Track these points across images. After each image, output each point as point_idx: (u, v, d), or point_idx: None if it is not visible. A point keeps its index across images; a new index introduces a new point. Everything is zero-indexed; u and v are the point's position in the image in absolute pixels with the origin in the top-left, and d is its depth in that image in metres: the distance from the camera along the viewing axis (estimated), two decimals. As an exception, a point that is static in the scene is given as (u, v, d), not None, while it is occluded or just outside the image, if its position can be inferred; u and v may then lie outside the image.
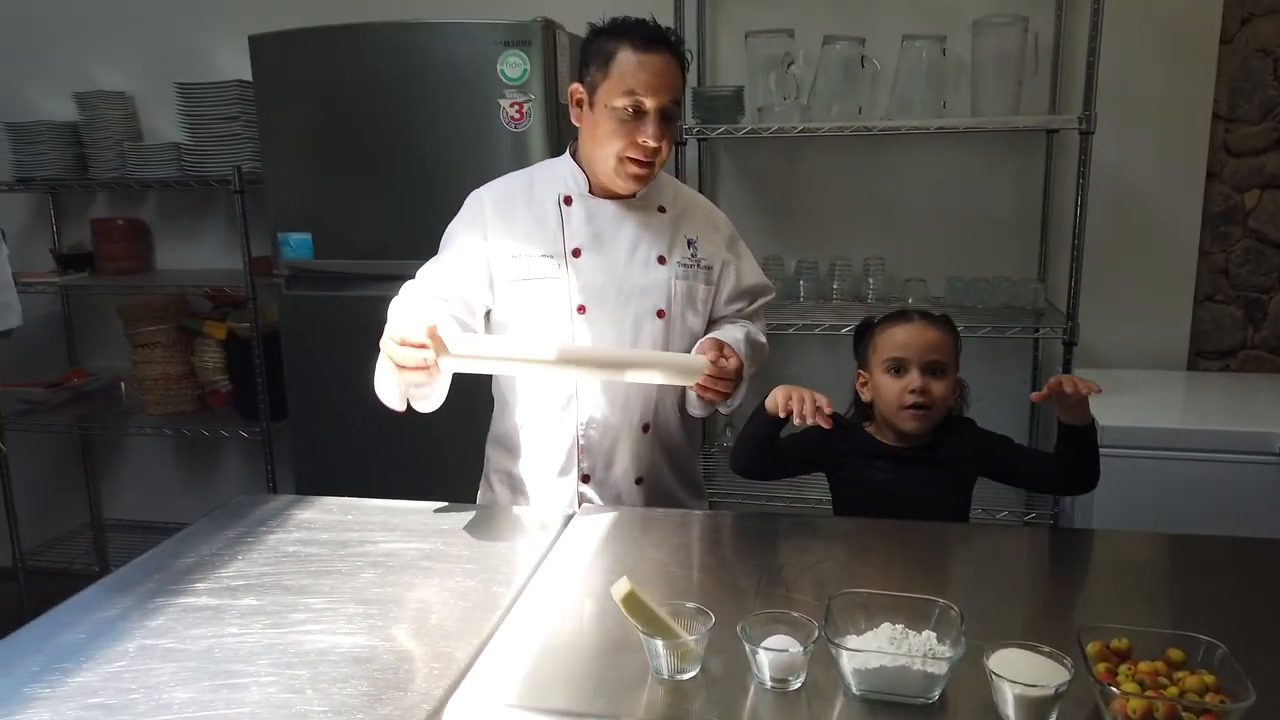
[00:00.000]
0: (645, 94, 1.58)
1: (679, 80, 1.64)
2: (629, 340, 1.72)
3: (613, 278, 1.71)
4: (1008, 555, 1.53)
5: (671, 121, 1.65)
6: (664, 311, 1.74)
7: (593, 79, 1.62)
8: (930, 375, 1.64)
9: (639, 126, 1.60)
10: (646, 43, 1.58)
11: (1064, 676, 0.99)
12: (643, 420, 1.78)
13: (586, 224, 1.71)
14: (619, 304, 1.71)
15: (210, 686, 1.12)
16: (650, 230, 1.73)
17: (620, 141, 1.61)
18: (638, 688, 1.11)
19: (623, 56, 1.58)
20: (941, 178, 2.72)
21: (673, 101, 1.63)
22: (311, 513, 1.65)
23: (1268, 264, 2.63)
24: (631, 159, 1.63)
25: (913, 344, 1.65)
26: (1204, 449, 2.15)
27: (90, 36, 3.17)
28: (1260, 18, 2.52)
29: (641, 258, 1.72)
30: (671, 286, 1.73)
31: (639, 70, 1.57)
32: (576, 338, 1.70)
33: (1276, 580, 1.41)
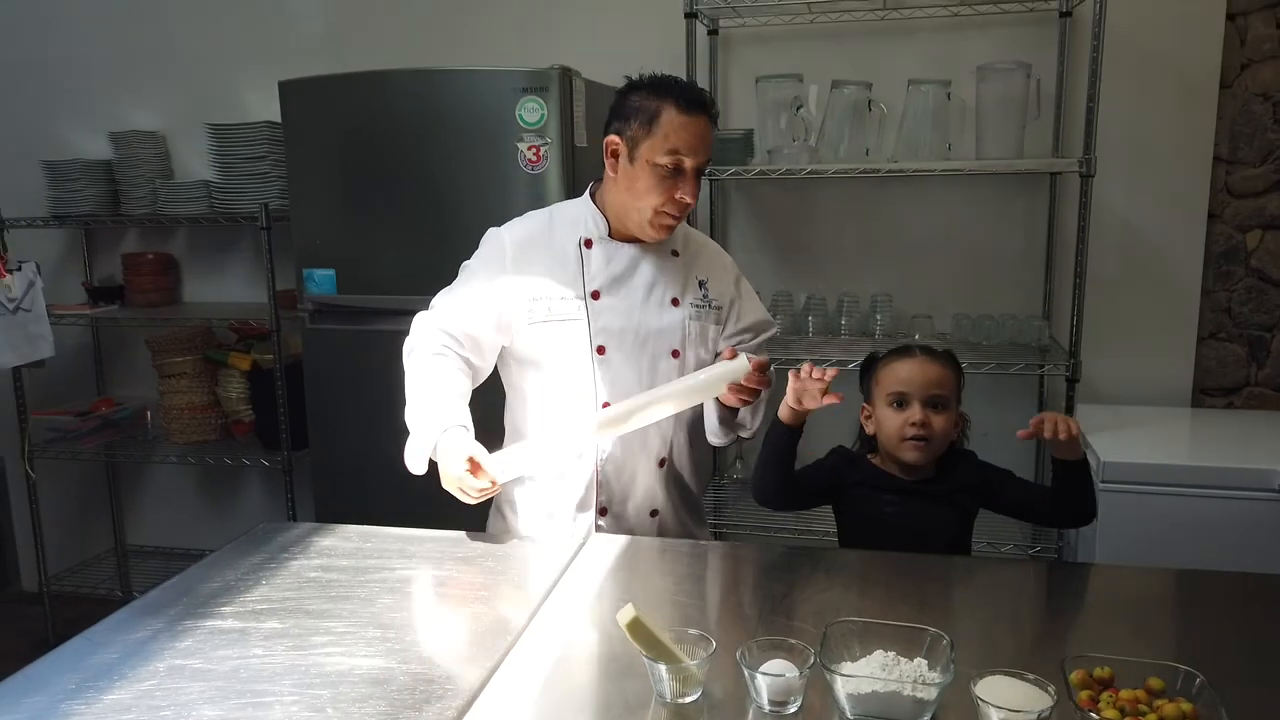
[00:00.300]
0: (688, 154, 1.66)
1: (711, 140, 1.72)
2: (646, 379, 1.78)
3: (630, 319, 1.77)
4: (1003, 587, 1.57)
5: (700, 178, 1.73)
6: (679, 351, 1.80)
7: (634, 134, 1.68)
8: (931, 409, 1.70)
9: (678, 183, 1.68)
10: (690, 105, 1.66)
11: (1047, 703, 1.04)
12: (659, 456, 1.84)
13: (605, 267, 1.77)
14: (636, 345, 1.78)
15: (237, 705, 1.18)
16: (665, 273, 1.80)
17: (660, 196, 1.68)
18: (642, 711, 1.16)
19: (667, 116, 1.65)
20: (947, 217, 2.79)
21: (707, 160, 1.72)
22: (331, 540, 1.72)
23: (1270, 303, 2.67)
24: (668, 212, 1.71)
25: (915, 379, 1.71)
26: (1206, 485, 2.18)
27: (125, 78, 3.30)
28: (1259, 63, 2.58)
29: (657, 300, 1.79)
30: (686, 327, 1.80)
31: (683, 130, 1.65)
32: (597, 377, 1.76)
33: (1264, 613, 1.45)
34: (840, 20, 2.74)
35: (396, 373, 2.05)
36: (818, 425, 1.77)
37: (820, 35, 2.78)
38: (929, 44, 2.72)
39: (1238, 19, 2.57)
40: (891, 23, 2.72)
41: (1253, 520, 2.15)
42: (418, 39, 3.00)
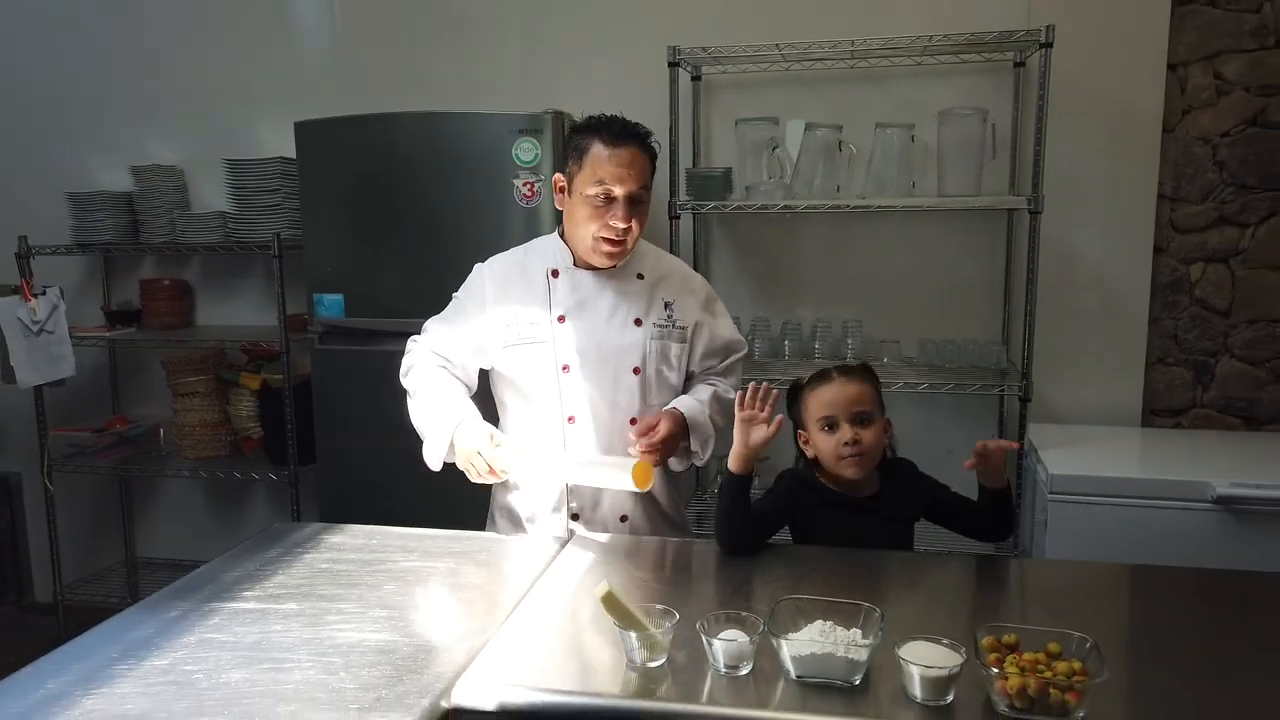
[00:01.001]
0: (613, 183, 1.83)
1: (647, 169, 1.89)
2: (609, 395, 1.95)
3: (593, 339, 1.95)
4: (937, 576, 1.75)
5: (640, 204, 1.89)
6: (639, 369, 1.98)
7: (570, 170, 1.88)
8: (859, 425, 1.83)
9: (609, 211, 1.84)
10: (615, 137, 1.84)
11: (958, 660, 1.22)
12: None
13: (571, 293, 1.97)
14: (599, 362, 1.96)
15: (260, 669, 1.35)
16: (628, 296, 1.98)
17: (594, 224, 1.86)
18: (615, 674, 1.34)
19: (595, 150, 1.84)
20: (913, 250, 2.99)
21: (641, 188, 1.87)
22: (340, 538, 1.90)
23: (1213, 330, 2.87)
24: (605, 238, 1.87)
25: (839, 401, 1.84)
26: (1146, 496, 2.35)
27: (147, 116, 3.51)
28: (1199, 109, 2.80)
29: (619, 321, 1.97)
30: (647, 346, 1.98)
31: (608, 162, 1.83)
32: (563, 393, 1.94)
33: (1164, 596, 1.63)
34: (813, 68, 2.96)
35: (399, 390, 2.24)
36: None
37: (795, 82, 3.00)
38: (896, 90, 2.94)
39: (1178, 69, 2.78)
40: (861, 70, 2.94)
41: (1189, 528, 2.33)
42: (422, 81, 3.21)
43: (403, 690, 1.29)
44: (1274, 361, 2.85)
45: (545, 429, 1.96)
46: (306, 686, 1.30)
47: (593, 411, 1.96)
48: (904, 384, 2.66)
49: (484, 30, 3.18)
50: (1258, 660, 1.40)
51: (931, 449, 3.02)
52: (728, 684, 1.31)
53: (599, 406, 1.96)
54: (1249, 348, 2.86)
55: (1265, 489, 2.27)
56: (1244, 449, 2.66)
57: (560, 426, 1.95)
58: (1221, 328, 2.87)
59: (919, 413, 3.04)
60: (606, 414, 1.96)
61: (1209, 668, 1.38)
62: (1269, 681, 1.33)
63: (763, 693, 1.29)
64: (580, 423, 1.95)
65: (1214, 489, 2.29)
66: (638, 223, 1.89)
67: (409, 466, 2.67)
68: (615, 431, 1.97)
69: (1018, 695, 1.17)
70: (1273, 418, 2.87)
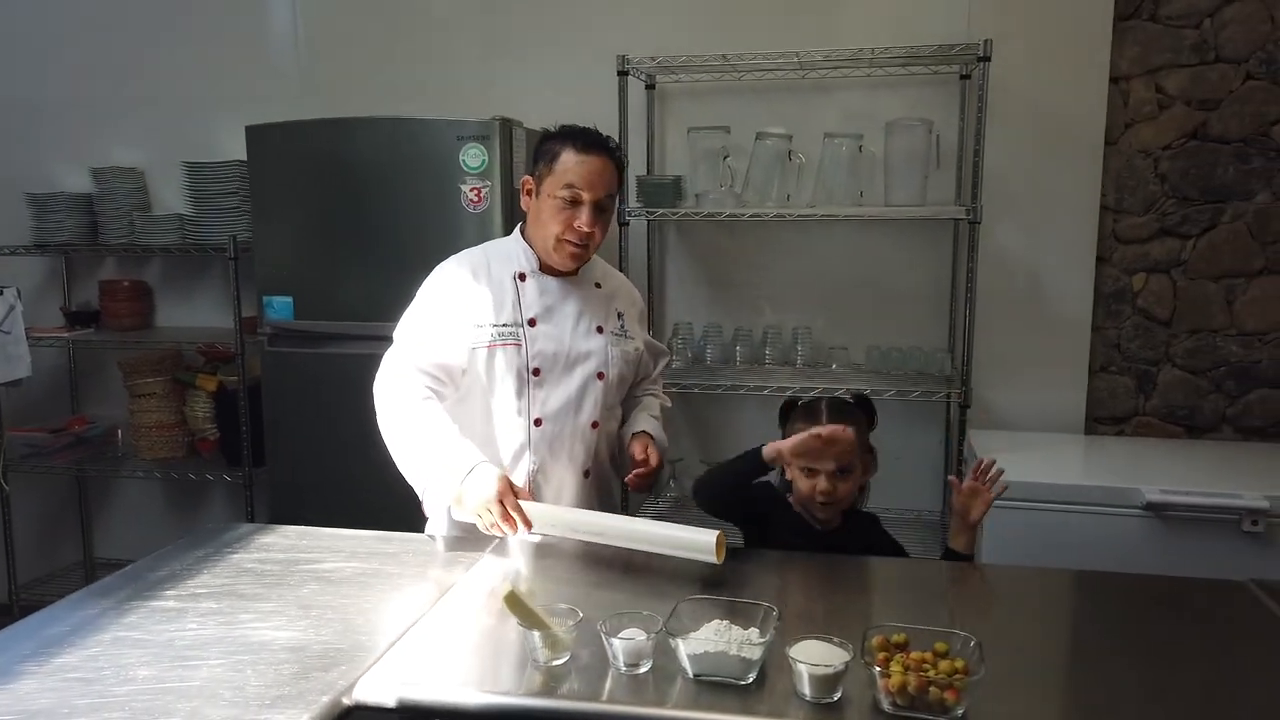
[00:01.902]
0: (583, 188, 1.89)
1: (614, 179, 1.95)
2: (575, 399, 1.99)
3: (562, 345, 1.99)
4: (866, 578, 1.78)
5: (605, 213, 1.95)
6: (603, 374, 2.02)
7: (540, 173, 1.94)
8: (838, 476, 1.87)
9: (575, 214, 1.90)
10: (586, 146, 1.90)
11: (844, 658, 1.24)
12: (584, 467, 2.04)
13: (539, 297, 1.99)
14: (567, 368, 1.99)
15: (168, 667, 1.37)
16: (591, 303, 2.04)
17: (559, 225, 1.91)
18: (519, 673, 1.36)
19: (565, 156, 1.90)
20: (862, 258, 3.03)
21: (607, 196, 1.93)
22: (271, 538, 1.91)
23: (1155, 340, 2.91)
24: (568, 240, 1.92)
25: (824, 454, 1.85)
26: (1078, 502, 2.40)
27: (108, 119, 3.52)
28: (1141, 123, 2.85)
29: (584, 328, 2.02)
30: (608, 352, 2.03)
31: (578, 168, 1.89)
32: (530, 396, 1.96)
33: (1083, 601, 1.67)
34: (765, 78, 2.99)
35: (350, 393, 2.24)
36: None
37: (749, 91, 3.04)
38: (847, 101, 2.98)
39: (1120, 82, 2.84)
40: (813, 81, 2.98)
41: (1121, 534, 2.37)
42: (380, 87, 3.24)
43: (305, 687, 1.31)
44: (1214, 371, 2.90)
45: (509, 431, 1.97)
46: (210, 684, 1.32)
47: (559, 415, 1.98)
48: (845, 389, 2.69)
49: (443, 37, 3.21)
50: (1172, 664, 1.43)
51: (880, 454, 3.08)
52: (628, 682, 1.33)
53: (565, 410, 1.98)
54: (1190, 357, 2.90)
55: (1194, 495, 2.32)
56: (1181, 457, 2.70)
57: (526, 429, 1.97)
58: (1163, 337, 2.92)
59: (868, 419, 3.08)
60: (572, 418, 1.99)
61: (1123, 671, 1.42)
62: (1178, 685, 1.36)
63: (661, 691, 1.31)
64: (546, 426, 1.97)
65: (1144, 495, 2.34)
66: (600, 229, 1.94)
67: (359, 468, 2.71)
68: (579, 435, 2.01)
69: (899, 693, 1.20)
70: (1213, 425, 2.92)
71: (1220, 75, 2.78)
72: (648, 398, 2.20)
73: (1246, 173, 2.80)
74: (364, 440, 2.67)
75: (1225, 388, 2.90)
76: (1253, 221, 2.81)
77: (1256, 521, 2.29)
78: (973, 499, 1.87)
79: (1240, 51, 2.76)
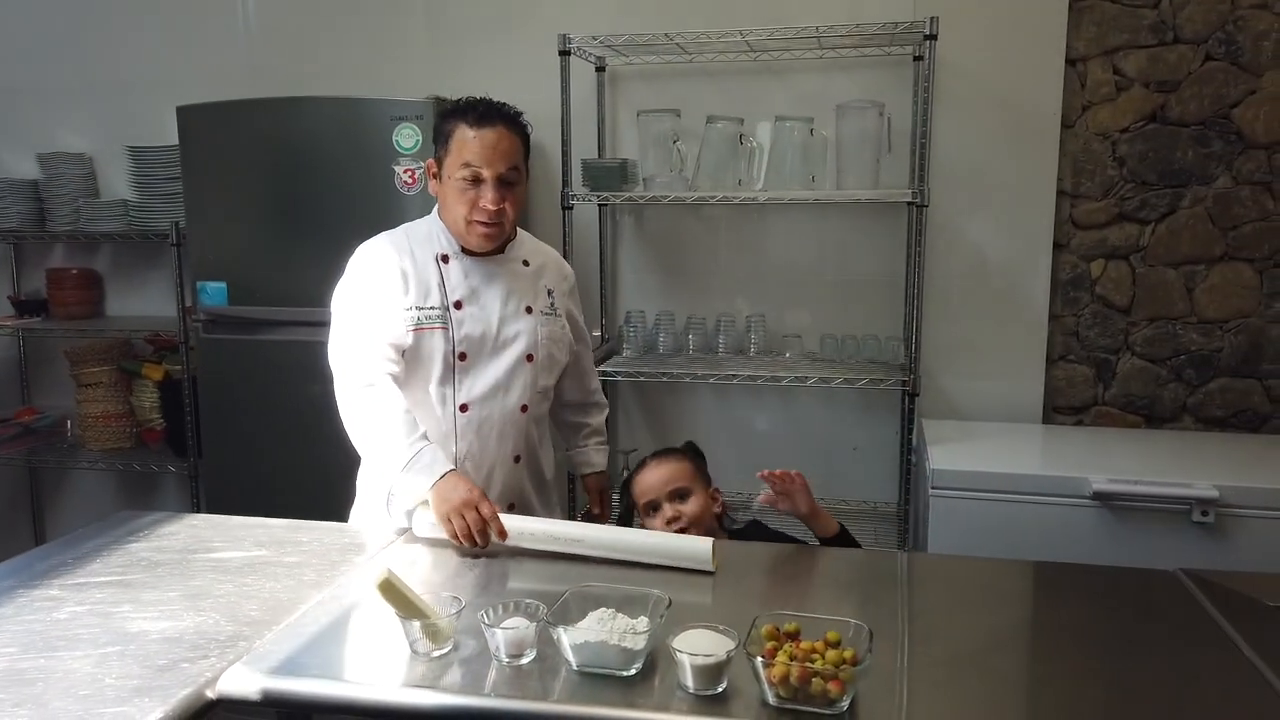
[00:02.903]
0: (481, 164, 1.81)
1: (517, 148, 1.85)
2: (504, 382, 1.93)
3: (489, 328, 1.92)
4: (752, 564, 1.73)
5: (512, 186, 1.86)
6: (532, 356, 1.96)
7: (440, 155, 1.86)
8: (678, 501, 1.94)
9: (479, 193, 1.82)
10: (480, 119, 1.81)
11: (728, 647, 1.18)
12: (514, 452, 1.99)
13: (464, 280, 1.93)
14: (494, 351, 1.93)
15: (30, 657, 1.31)
16: (519, 283, 1.97)
17: (464, 207, 1.84)
18: (399, 664, 1.30)
19: (459, 134, 1.82)
20: (816, 244, 2.97)
21: (509, 168, 1.84)
22: (176, 527, 1.85)
23: (1114, 328, 2.85)
24: (477, 221, 1.85)
25: (654, 485, 1.96)
26: (1024, 492, 2.33)
27: (55, 103, 3.45)
28: (1098, 105, 2.78)
29: (513, 309, 1.95)
30: (537, 333, 1.97)
31: (473, 143, 1.81)
32: (459, 383, 1.90)
33: (1024, 590, 1.60)
34: (717, 60, 2.93)
35: (286, 381, 2.18)
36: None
37: (700, 73, 2.97)
38: (799, 83, 2.91)
39: (1077, 64, 2.77)
40: (763, 63, 2.91)
41: (1068, 524, 2.31)
42: (323, 69, 3.16)
43: (169, 680, 1.25)
44: (1174, 360, 2.83)
45: (435, 418, 1.91)
46: (68, 676, 1.26)
47: (486, 400, 1.93)
48: (794, 378, 2.64)
49: (390, 18, 3.14)
50: (1086, 651, 1.37)
51: (836, 445, 3.03)
52: (511, 674, 1.27)
53: (492, 395, 1.93)
54: (1149, 345, 2.84)
55: (1141, 485, 2.25)
56: (1136, 446, 2.64)
57: (452, 415, 1.92)
58: (1122, 325, 2.85)
59: (823, 409, 3.02)
60: (500, 402, 1.94)
61: (1041, 659, 1.36)
62: (1093, 672, 1.30)
63: (544, 683, 1.25)
64: (472, 411, 1.92)
65: (1091, 485, 2.27)
66: (511, 204, 1.86)
67: (295, 457, 2.66)
68: (508, 420, 1.95)
69: (782, 684, 1.14)
70: (1173, 415, 2.86)
71: (1179, 56, 2.71)
72: (593, 443, 2.25)
73: (1206, 156, 2.73)
74: (299, 427, 2.64)
75: (1185, 377, 2.83)
76: (1213, 206, 2.75)
77: (1206, 512, 2.22)
78: (791, 496, 1.87)
79: (1199, 32, 2.69)
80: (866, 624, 1.23)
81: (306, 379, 2.60)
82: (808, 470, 1.92)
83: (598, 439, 2.26)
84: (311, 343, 2.60)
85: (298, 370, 2.64)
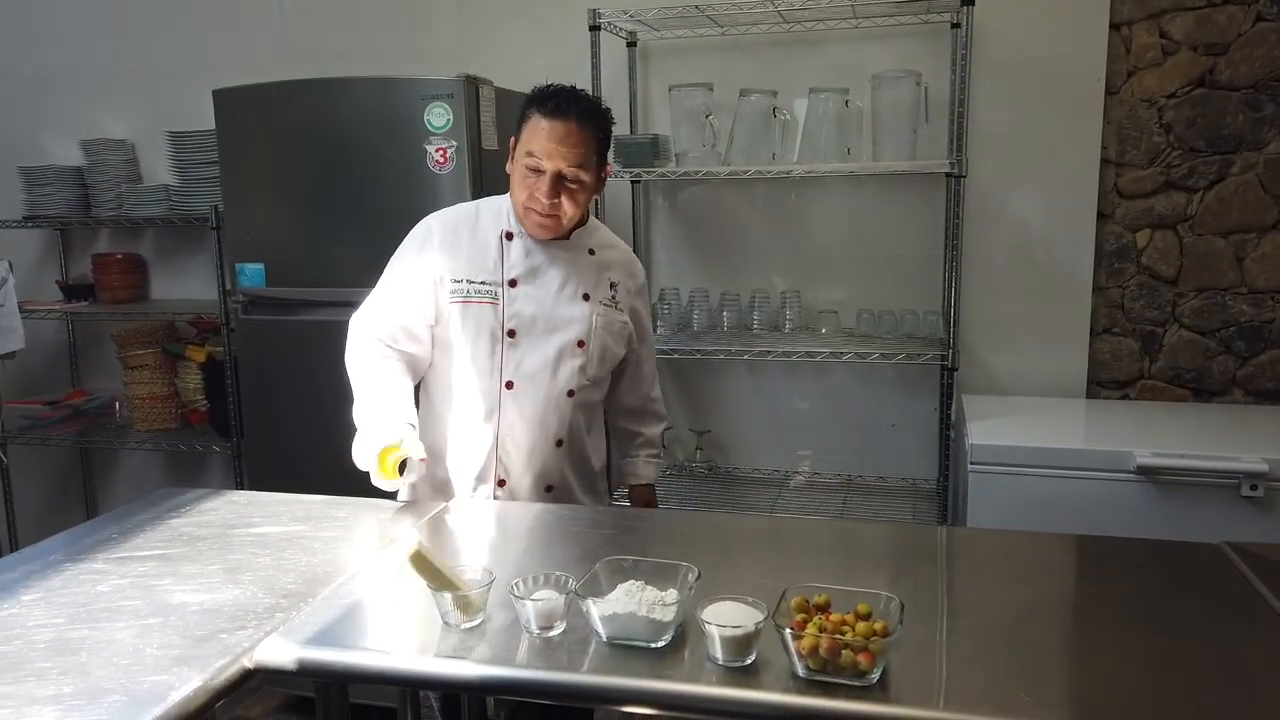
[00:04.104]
0: (542, 156, 1.78)
1: (587, 145, 1.79)
2: (551, 365, 1.92)
3: (542, 309, 1.91)
4: (784, 538, 1.71)
5: (574, 186, 1.81)
6: (584, 342, 1.95)
7: (515, 137, 1.86)
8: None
9: (537, 183, 1.80)
10: (551, 112, 1.77)
11: (758, 618, 1.17)
12: (557, 436, 1.98)
13: (524, 259, 1.91)
14: (545, 332, 1.92)
15: (74, 628, 1.34)
16: (579, 269, 1.95)
17: (523, 193, 1.83)
18: (431, 634, 1.31)
19: (532, 121, 1.80)
20: (852, 218, 2.93)
21: (572, 166, 1.78)
22: (216, 503, 1.88)
23: (1160, 299, 2.78)
24: (534, 209, 1.83)
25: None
26: (1067, 466, 2.29)
27: (98, 90, 3.52)
28: (1144, 70, 2.70)
29: (569, 293, 1.93)
30: (592, 321, 1.95)
31: (539, 134, 1.78)
32: (504, 359, 1.90)
33: (1066, 563, 1.58)
34: (749, 32, 2.89)
35: (324, 361, 2.16)
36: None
37: (734, 47, 2.94)
38: (834, 55, 2.87)
39: (1122, 28, 2.69)
40: (796, 34, 2.87)
41: (1112, 499, 2.26)
42: (355, 50, 3.19)
43: (207, 650, 1.27)
44: (1223, 331, 2.75)
45: (478, 392, 1.92)
46: (110, 646, 1.28)
47: (532, 380, 1.92)
48: (830, 354, 2.61)
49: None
50: (1125, 625, 1.35)
51: (874, 422, 3.00)
52: (541, 645, 1.28)
53: (539, 375, 1.92)
54: (1197, 317, 2.76)
55: (1187, 459, 2.20)
56: (1182, 420, 2.58)
57: (497, 391, 1.92)
58: (1169, 296, 2.78)
59: (860, 385, 2.99)
60: (546, 384, 1.93)
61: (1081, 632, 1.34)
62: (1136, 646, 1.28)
63: (574, 655, 1.26)
64: (518, 390, 1.92)
65: (1135, 459, 2.22)
66: (570, 202, 1.81)
67: (333, 434, 2.68)
68: (552, 403, 1.94)
69: (811, 656, 1.13)
70: (1222, 388, 2.78)
71: (1229, 17, 2.62)
72: (645, 457, 2.21)
73: (1257, 121, 2.64)
74: (337, 405, 2.66)
75: (1235, 348, 2.75)
76: (1264, 173, 2.66)
77: (1255, 486, 2.17)
78: None
79: (1251, -9, 2.60)
80: (900, 597, 1.21)
81: (344, 358, 2.63)
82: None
83: (649, 451, 2.20)
84: (345, 323, 2.63)
85: (335, 350, 2.64)
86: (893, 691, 1.13)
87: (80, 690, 1.16)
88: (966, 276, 2.77)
